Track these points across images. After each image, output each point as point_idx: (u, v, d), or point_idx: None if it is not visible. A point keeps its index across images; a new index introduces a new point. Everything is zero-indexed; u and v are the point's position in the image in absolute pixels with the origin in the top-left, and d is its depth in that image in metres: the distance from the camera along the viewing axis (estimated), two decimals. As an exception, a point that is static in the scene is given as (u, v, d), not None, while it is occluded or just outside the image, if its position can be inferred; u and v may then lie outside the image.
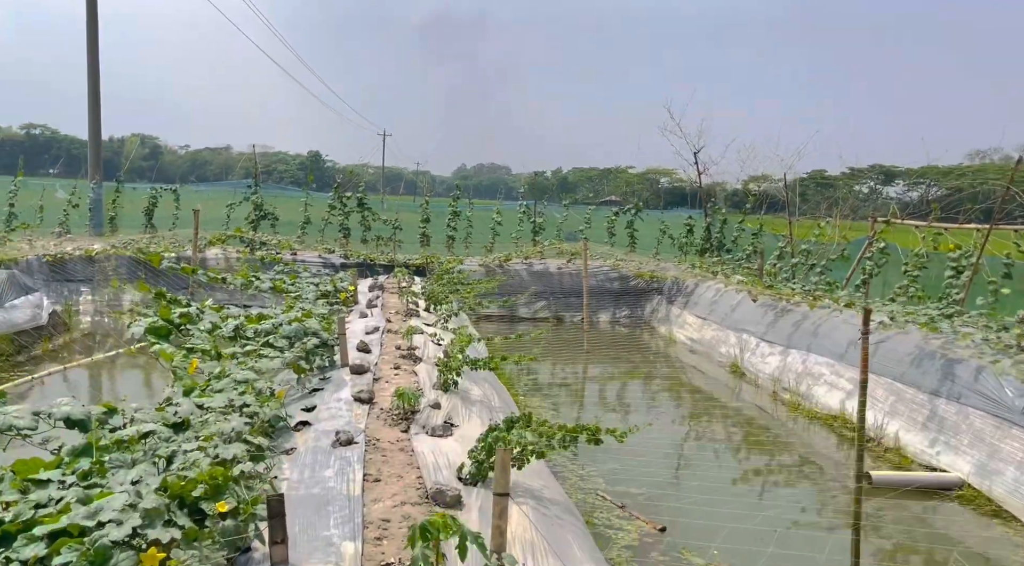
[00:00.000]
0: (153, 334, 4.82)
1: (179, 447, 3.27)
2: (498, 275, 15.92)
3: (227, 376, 4.49)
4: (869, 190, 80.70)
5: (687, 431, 9.01)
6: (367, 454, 3.87)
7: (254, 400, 4.07)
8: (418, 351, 6.47)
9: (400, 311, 8.38)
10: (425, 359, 6.30)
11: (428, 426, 4.37)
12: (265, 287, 8.31)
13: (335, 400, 4.84)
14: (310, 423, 4.41)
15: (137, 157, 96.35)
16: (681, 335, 14.12)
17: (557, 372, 12.03)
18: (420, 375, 5.62)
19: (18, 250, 14.06)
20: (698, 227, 17.19)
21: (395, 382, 5.42)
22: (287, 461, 3.78)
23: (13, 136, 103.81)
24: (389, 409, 4.69)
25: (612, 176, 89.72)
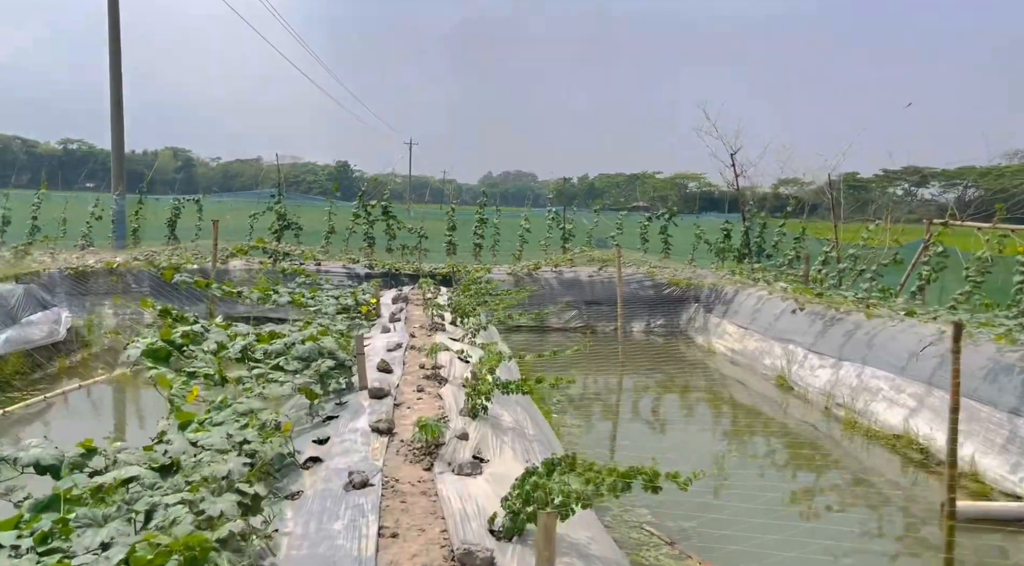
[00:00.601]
0: (151, 357, 4.35)
1: (161, 499, 2.76)
2: (527, 284, 15.38)
3: (229, 405, 3.99)
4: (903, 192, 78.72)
5: (734, 450, 8.36)
6: (384, 499, 3.33)
7: (256, 435, 3.56)
8: (443, 370, 5.94)
9: (425, 325, 7.86)
10: (451, 379, 5.76)
11: (454, 462, 3.83)
12: (283, 301, 7.86)
13: (350, 430, 4.31)
14: (321, 459, 3.89)
15: (170, 169, 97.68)
16: (721, 345, 13.43)
17: (591, 385, 11.43)
18: (446, 399, 5.08)
19: (40, 263, 13.85)
20: (735, 232, 16.47)
21: (418, 408, 4.89)
22: (291, 508, 3.26)
23: (51, 151, 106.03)
24: (411, 441, 4.15)
25: (639, 181, 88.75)
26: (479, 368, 5.40)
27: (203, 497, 2.71)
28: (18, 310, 10.16)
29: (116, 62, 16.57)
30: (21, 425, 7.92)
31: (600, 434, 8.56)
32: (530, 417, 5.36)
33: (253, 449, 3.42)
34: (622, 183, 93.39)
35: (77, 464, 3.09)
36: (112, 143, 16.48)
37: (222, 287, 7.69)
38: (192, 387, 4.19)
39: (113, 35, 16.69)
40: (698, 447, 8.52)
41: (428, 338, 7.34)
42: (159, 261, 14.10)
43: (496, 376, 4.94)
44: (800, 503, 6.74)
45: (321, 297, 8.35)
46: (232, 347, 4.83)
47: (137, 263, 14.12)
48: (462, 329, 8.17)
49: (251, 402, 3.99)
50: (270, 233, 15.78)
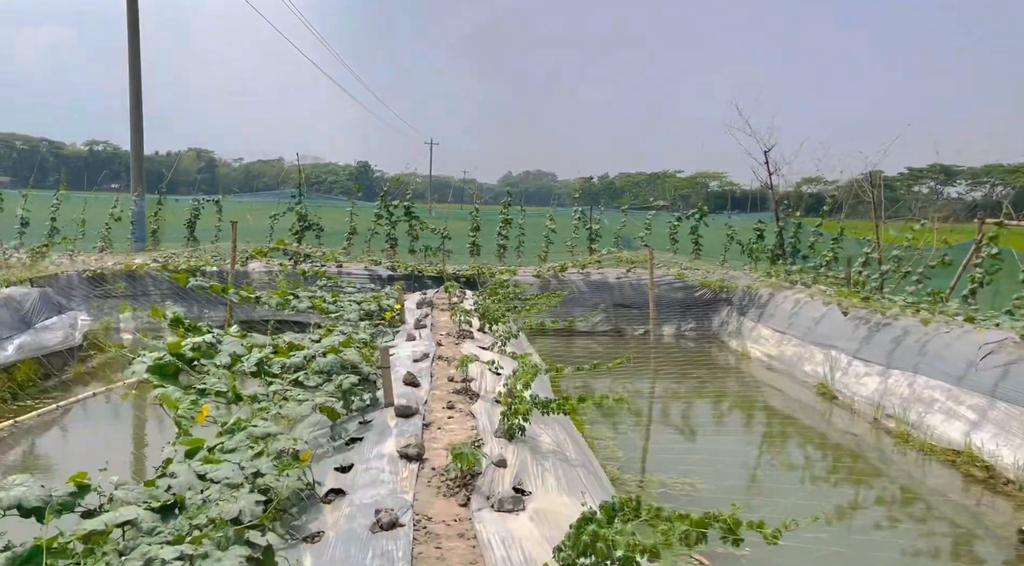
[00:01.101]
0: (157, 374, 3.97)
1: (158, 552, 2.35)
2: (553, 286, 14.93)
3: (243, 428, 3.59)
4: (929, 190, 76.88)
5: (779, 464, 7.86)
6: (416, 544, 2.91)
7: (271, 466, 3.15)
8: (474, 384, 5.51)
9: (452, 332, 7.44)
10: (483, 394, 5.34)
11: (493, 496, 3.40)
12: (303, 307, 7.48)
13: (376, 456, 3.90)
14: (344, 491, 3.47)
15: (193, 170, 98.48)
16: (756, 350, 12.89)
17: (621, 391, 10.96)
18: (478, 417, 4.65)
19: (58, 265, 13.64)
20: (769, 232, 15.90)
21: (449, 428, 4.46)
22: (310, 554, 2.84)
23: (78, 153, 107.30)
24: (443, 469, 3.73)
25: (660, 180, 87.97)
26: (514, 383, 4.97)
27: (206, 552, 2.30)
28: (32, 315, 9.90)
29: (135, 63, 16.36)
30: (32, 435, 7.62)
31: (634, 446, 8.10)
32: (569, 436, 4.91)
33: (267, 484, 3.01)
34: (643, 182, 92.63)
35: (67, 504, 2.70)
36: (131, 144, 16.27)
37: (239, 292, 7.32)
38: (202, 407, 3.80)
39: (132, 36, 16.48)
40: (739, 460, 8.03)
41: (456, 347, 6.92)
42: (177, 263, 13.83)
43: (533, 394, 4.51)
44: (861, 526, 6.24)
45: (343, 302, 7.96)
46: (247, 360, 4.44)
47: (156, 265, 13.86)
48: (491, 336, 7.74)
49: (267, 425, 3.59)
50: (291, 234, 15.47)
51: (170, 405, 3.75)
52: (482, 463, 3.62)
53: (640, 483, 6.57)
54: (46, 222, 15.09)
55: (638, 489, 6.46)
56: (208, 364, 4.29)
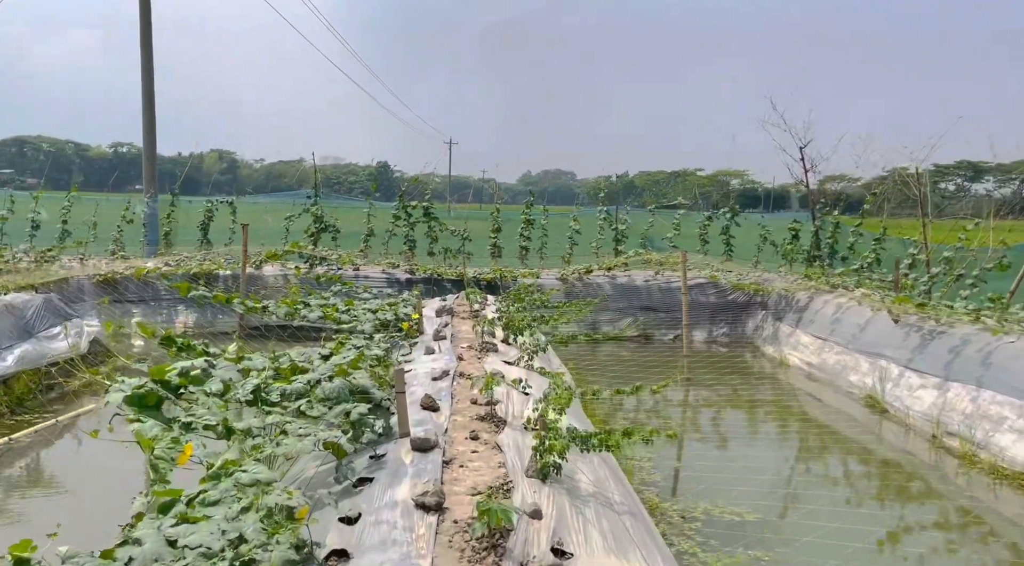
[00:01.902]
0: (135, 405, 3.41)
1: None
2: (577, 289, 14.31)
3: (231, 474, 3.02)
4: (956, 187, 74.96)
5: (827, 483, 7.18)
6: (434, 636, 2.30)
7: (258, 529, 2.58)
8: (500, 407, 4.91)
9: (474, 345, 6.85)
10: (510, 420, 4.73)
11: (528, 561, 2.79)
12: (313, 317, 6.93)
13: (388, 503, 3.31)
14: (349, 554, 2.89)
15: (215, 171, 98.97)
16: (795, 358, 12.17)
17: (652, 401, 10.33)
18: (506, 451, 4.05)
19: (68, 269, 13.26)
20: (805, 232, 15.15)
21: (473, 466, 3.87)
22: (302, 651, 2.25)
23: (103, 154, 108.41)
24: (467, 523, 3.13)
25: (681, 179, 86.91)
26: (544, 409, 4.37)
27: None
28: (35, 323, 9.46)
29: (148, 62, 15.97)
30: (25, 455, 7.14)
31: (672, 466, 7.47)
32: (610, 472, 4.30)
33: (251, 556, 2.42)
34: (663, 180, 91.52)
35: (-6, 590, 2.13)
36: (144, 144, 15.88)
37: (244, 302, 6.79)
38: (184, 445, 3.23)
39: (144, 35, 16.10)
40: (784, 478, 7.37)
41: (478, 361, 6.33)
42: (189, 267, 13.39)
43: (571, 426, 3.90)
44: (912, 546, 5.57)
45: (357, 311, 7.40)
46: (242, 387, 3.87)
47: (168, 269, 13.43)
48: (516, 348, 7.14)
49: (257, 470, 3.01)
50: (306, 236, 14.98)
51: (145, 445, 3.19)
52: (513, 519, 3.01)
53: (683, 514, 5.94)
54: (57, 224, 14.72)
55: (682, 521, 5.83)
56: (197, 392, 3.73)
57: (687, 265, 14.62)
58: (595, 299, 9.91)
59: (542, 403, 4.60)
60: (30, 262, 13.54)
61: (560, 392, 4.57)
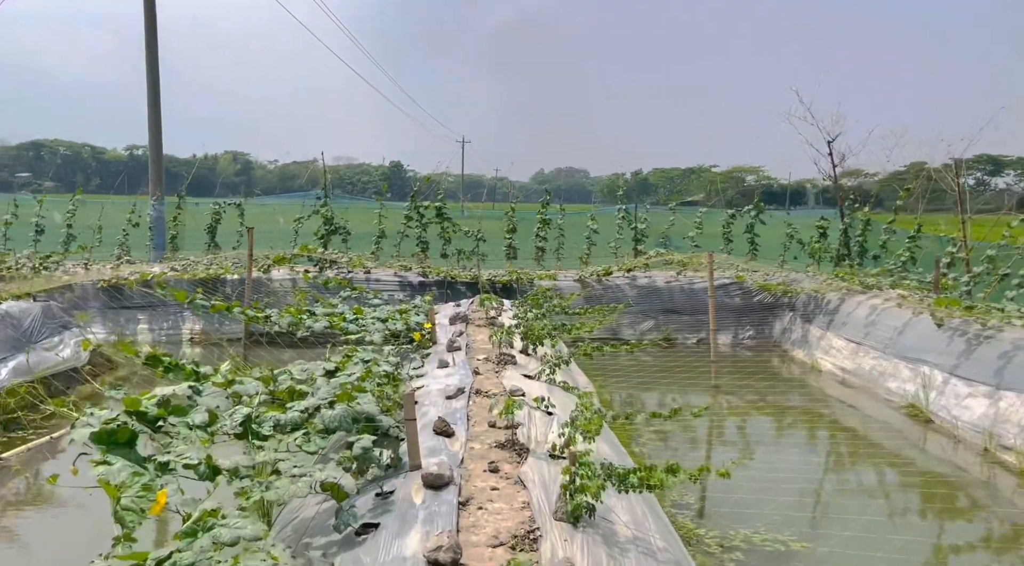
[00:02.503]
0: (104, 443, 2.95)
1: None
2: (596, 291, 13.80)
3: (211, 527, 2.54)
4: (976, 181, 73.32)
5: (872, 501, 6.62)
6: None
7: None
8: (521, 431, 4.41)
9: (491, 357, 6.35)
10: (534, 446, 4.24)
11: (563, 641, 2.29)
12: (318, 327, 6.46)
13: (395, 560, 2.82)
14: (346, 631, 2.40)
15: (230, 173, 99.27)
16: (827, 363, 11.59)
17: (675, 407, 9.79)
18: (531, 489, 3.55)
19: (72, 275, 12.91)
20: (833, 229, 14.53)
21: (493, 508, 3.37)
22: None
23: (118, 157, 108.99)
24: (488, 585, 2.63)
25: (695, 176, 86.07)
26: (571, 433, 3.88)
27: None
28: (33, 332, 9.07)
29: (153, 62, 15.61)
30: (15, 476, 6.72)
31: (707, 486, 6.93)
32: (649, 510, 3.78)
33: (221, 650, 1.94)
34: (677, 177, 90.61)
35: None
36: (149, 145, 15.51)
37: (245, 311, 6.34)
38: (159, 491, 2.76)
39: (149, 34, 15.73)
40: (827, 497, 6.82)
41: (496, 375, 5.83)
42: (195, 272, 12.99)
43: (606, 463, 3.40)
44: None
45: (366, 320, 6.93)
46: (231, 418, 3.40)
47: (175, 274, 13.04)
48: (535, 359, 6.64)
49: (240, 525, 2.53)
50: (316, 239, 14.54)
51: (110, 494, 2.71)
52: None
53: (722, 543, 5.42)
54: (63, 228, 14.38)
55: (721, 550, 5.30)
56: (179, 424, 3.26)
57: (702, 265, 14.05)
58: (618, 305, 9.39)
59: (568, 427, 4.10)
60: (31, 268, 13.22)
61: (589, 416, 4.07)
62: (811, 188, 54.13)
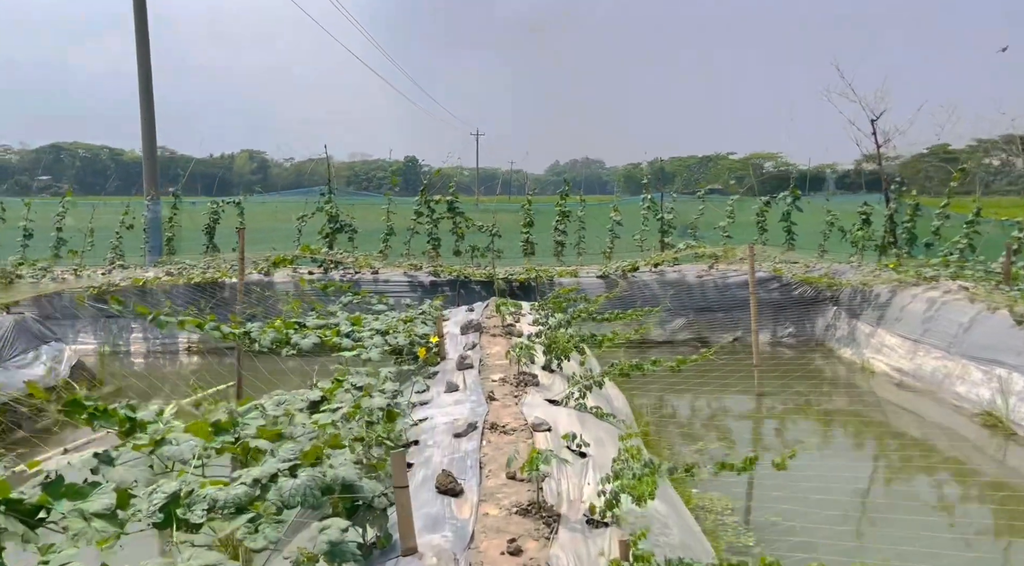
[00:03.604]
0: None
1: None
2: (621, 288, 12.78)
3: None
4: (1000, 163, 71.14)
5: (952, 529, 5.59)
6: None
7: None
8: (550, 487, 3.43)
9: (508, 376, 5.38)
10: (566, 508, 3.27)
11: None
12: (307, 344, 5.52)
13: None
14: None
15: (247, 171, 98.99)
16: (881, 363, 10.50)
17: (720, 422, 8.80)
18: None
19: (60, 282, 12.11)
20: (877, 216, 13.39)
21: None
22: None
23: (136, 158, 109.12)
24: None
25: (712, 163, 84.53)
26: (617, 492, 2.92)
27: None
28: (4, 348, 8.24)
29: (144, 53, 14.74)
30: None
31: (758, 508, 5.94)
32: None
33: None
34: (694, 165, 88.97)
35: None
36: (142, 140, 14.66)
37: (220, 327, 5.42)
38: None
39: (139, 24, 14.86)
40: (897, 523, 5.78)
41: (515, 401, 4.86)
42: (192, 275, 12.13)
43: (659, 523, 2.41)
44: None
45: (364, 333, 5.98)
46: (149, 499, 2.45)
47: (169, 279, 12.19)
48: (559, 376, 5.67)
49: None
50: (320, 237, 13.63)
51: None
52: None
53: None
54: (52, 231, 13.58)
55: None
56: (72, 513, 2.31)
57: (744, 257, 12.97)
58: (651, 308, 8.36)
59: (610, 482, 3.14)
60: (31, 274, 12.43)
61: (638, 471, 3.09)
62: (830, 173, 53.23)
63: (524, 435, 4.20)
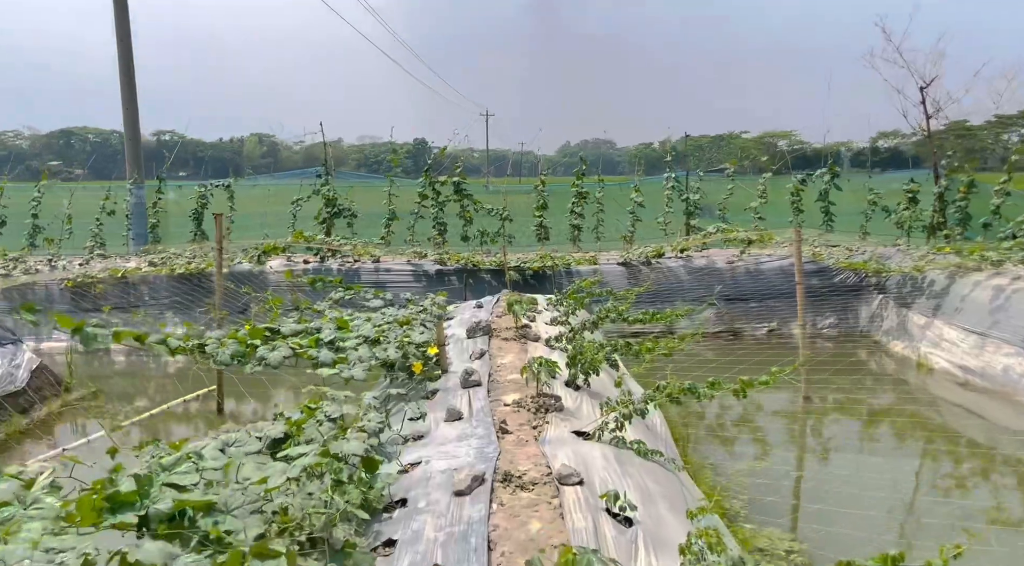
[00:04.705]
0: None
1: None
2: (644, 275, 11.70)
3: None
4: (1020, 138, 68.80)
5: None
6: None
7: None
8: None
9: (524, 399, 4.32)
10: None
11: None
12: (277, 359, 4.47)
13: None
14: None
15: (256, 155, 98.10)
16: (938, 358, 9.38)
17: (765, 431, 7.74)
18: None
19: (33, 274, 11.14)
20: (925, 194, 12.19)
21: None
22: None
23: (146, 143, 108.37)
24: None
25: (725, 142, 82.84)
26: None
27: None
28: (-50, 353, 7.26)
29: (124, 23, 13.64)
30: None
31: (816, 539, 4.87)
32: None
33: None
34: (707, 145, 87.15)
35: None
36: (124, 119, 13.56)
37: (166, 340, 4.39)
38: None
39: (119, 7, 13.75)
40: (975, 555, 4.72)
41: (533, 435, 3.81)
42: (175, 266, 11.12)
43: None
44: None
45: (350, 341, 4.93)
46: None
47: (151, 269, 11.19)
48: (586, 394, 4.60)
49: None
50: (316, 223, 12.58)
51: None
52: None
53: None
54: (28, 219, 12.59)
55: None
56: None
57: (781, 240, 11.85)
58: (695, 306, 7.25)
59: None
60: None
61: None
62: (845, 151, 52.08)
63: (548, 492, 3.14)
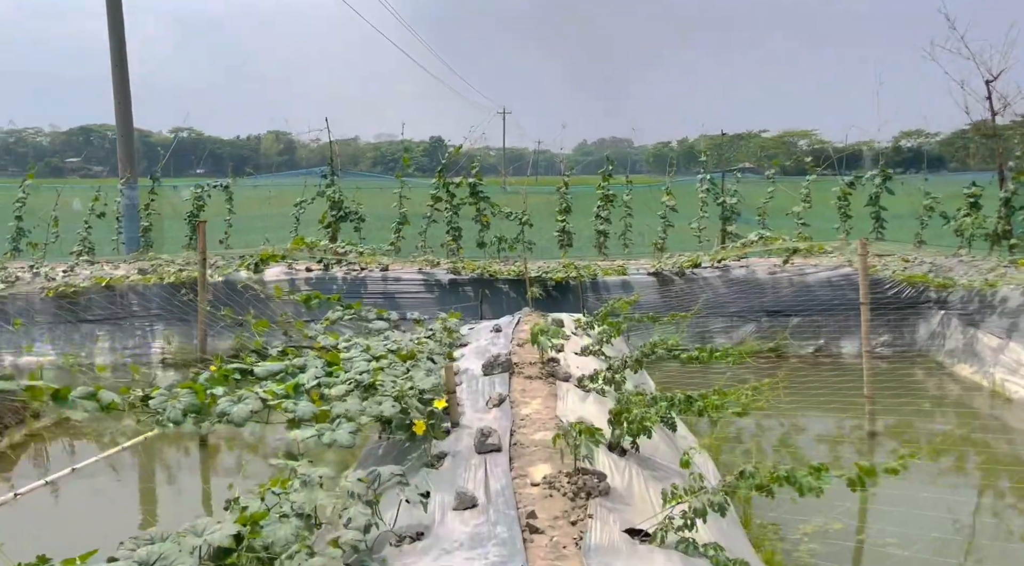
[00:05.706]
0: None
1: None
2: (678, 287, 10.68)
3: None
4: (1053, 137, 66.69)
5: None
6: None
7: None
8: None
9: (556, 474, 3.30)
10: None
11: None
12: (243, 414, 3.51)
13: None
14: None
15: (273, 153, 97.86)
16: (1018, 387, 8.27)
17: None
18: None
19: (11, 282, 10.29)
20: (989, 199, 11.06)
21: None
22: None
23: (164, 140, 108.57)
24: None
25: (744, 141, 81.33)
26: None
27: None
28: None
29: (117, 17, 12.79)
30: None
31: None
32: None
33: None
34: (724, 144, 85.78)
35: None
36: (116, 115, 12.73)
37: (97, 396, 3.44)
38: None
39: None
40: None
41: (573, 537, 2.81)
42: (165, 273, 10.23)
43: None
44: None
45: (338, 387, 3.96)
46: None
47: (140, 277, 10.31)
48: (636, 467, 3.60)
49: None
50: (320, 227, 11.64)
51: None
52: None
53: None
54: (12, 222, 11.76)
55: None
56: None
57: (816, 249, 10.77)
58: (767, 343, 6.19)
59: None
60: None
61: None
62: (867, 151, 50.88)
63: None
